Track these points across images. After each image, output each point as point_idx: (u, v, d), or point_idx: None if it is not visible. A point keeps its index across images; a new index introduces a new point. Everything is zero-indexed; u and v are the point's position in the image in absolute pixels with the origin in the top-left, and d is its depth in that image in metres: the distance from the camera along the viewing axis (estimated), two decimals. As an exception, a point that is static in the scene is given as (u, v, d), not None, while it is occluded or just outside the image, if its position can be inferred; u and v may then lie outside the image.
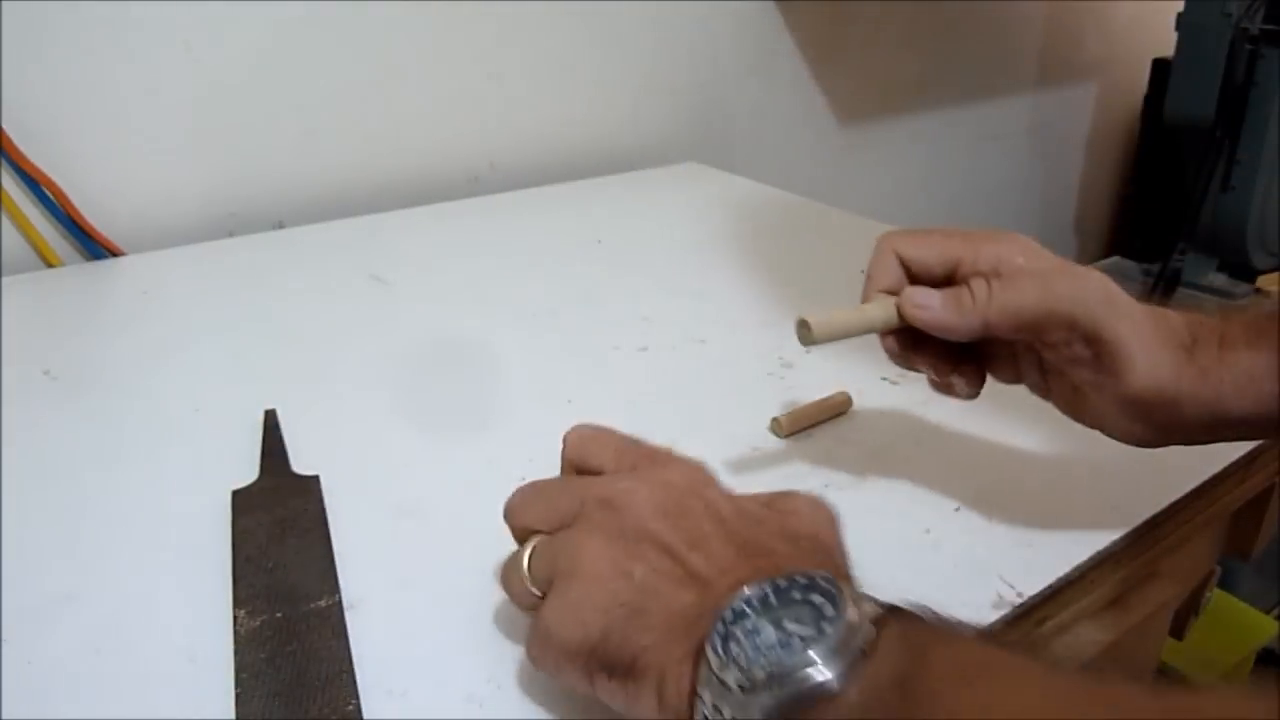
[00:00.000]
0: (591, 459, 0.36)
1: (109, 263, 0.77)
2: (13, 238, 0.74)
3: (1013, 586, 0.42)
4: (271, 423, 0.52)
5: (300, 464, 0.50)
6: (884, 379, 0.60)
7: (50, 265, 0.76)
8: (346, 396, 0.57)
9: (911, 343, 0.42)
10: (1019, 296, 0.37)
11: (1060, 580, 0.43)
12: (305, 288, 0.73)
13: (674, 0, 1.07)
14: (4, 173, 0.72)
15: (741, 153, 1.20)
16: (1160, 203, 1.57)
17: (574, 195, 0.97)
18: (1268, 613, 1.20)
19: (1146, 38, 1.68)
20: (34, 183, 0.73)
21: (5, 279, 0.71)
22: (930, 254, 0.40)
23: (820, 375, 0.60)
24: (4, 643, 0.38)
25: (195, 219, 0.83)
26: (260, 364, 0.61)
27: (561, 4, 0.98)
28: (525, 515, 0.35)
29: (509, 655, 0.38)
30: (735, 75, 1.17)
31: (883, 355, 0.63)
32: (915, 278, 0.41)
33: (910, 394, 0.58)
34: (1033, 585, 0.42)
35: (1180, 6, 1.40)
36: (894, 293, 0.42)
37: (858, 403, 0.56)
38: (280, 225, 0.87)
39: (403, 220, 0.88)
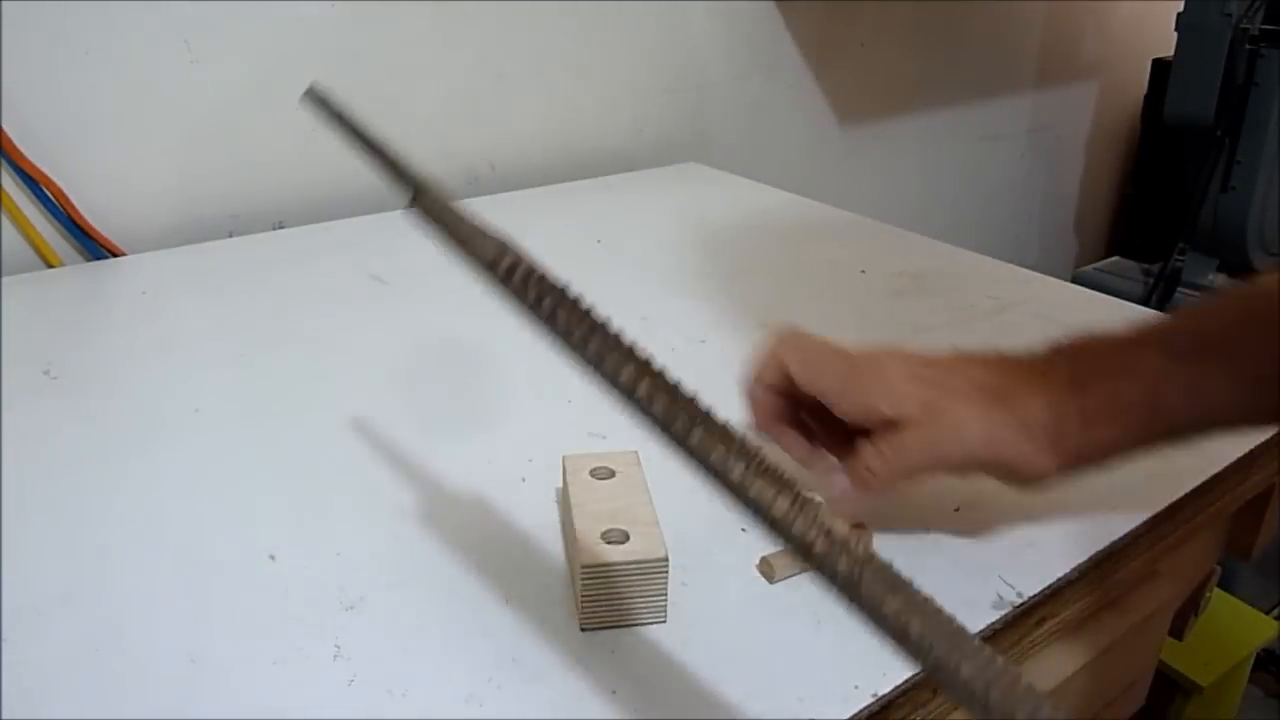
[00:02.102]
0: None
1: (109, 263, 0.77)
2: (13, 238, 0.74)
3: (1013, 586, 0.42)
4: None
5: (300, 460, 0.50)
6: (884, 379, 0.60)
7: (50, 265, 0.76)
8: (347, 396, 0.57)
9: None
10: (909, 461, 0.40)
11: (1060, 580, 0.43)
12: (305, 288, 0.73)
13: (674, 0, 1.07)
14: (4, 173, 0.72)
15: (741, 153, 1.20)
16: (1160, 203, 1.57)
17: (574, 195, 0.97)
18: (1268, 613, 1.20)
19: (1146, 38, 1.68)
20: (34, 183, 0.73)
21: (5, 279, 0.71)
22: (806, 382, 0.42)
23: (820, 375, 0.60)
24: (4, 643, 0.38)
25: (195, 219, 0.83)
26: (260, 364, 0.61)
27: (562, 4, 0.98)
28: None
29: (509, 655, 0.38)
30: (735, 75, 1.17)
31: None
32: (791, 391, 0.43)
33: (910, 394, 0.58)
34: (1033, 585, 0.43)
35: (1180, 6, 1.40)
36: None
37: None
38: (280, 225, 0.87)
39: (403, 220, 0.87)
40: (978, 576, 0.43)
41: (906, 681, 0.37)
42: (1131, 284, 1.54)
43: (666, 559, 0.38)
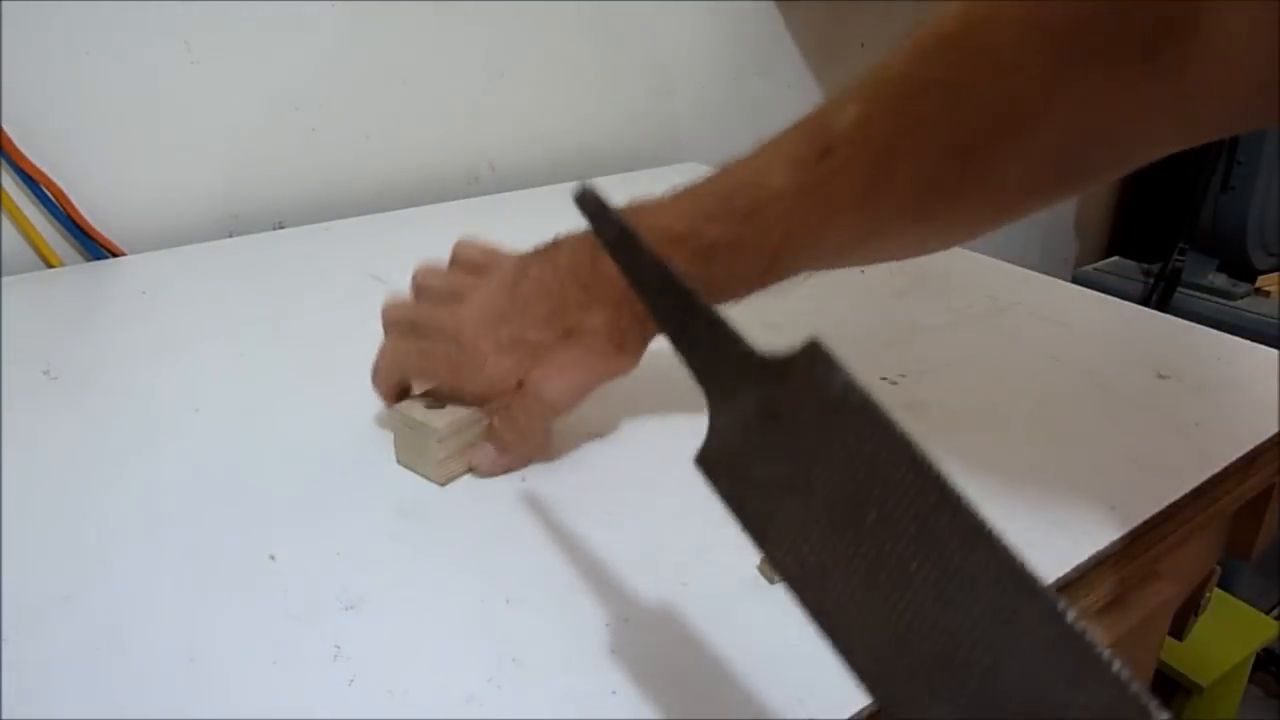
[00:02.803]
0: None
1: (109, 263, 0.77)
2: (13, 238, 0.74)
3: (1013, 586, 0.42)
4: (618, 232, 0.33)
5: (300, 460, 0.50)
6: (883, 379, 0.60)
7: (50, 265, 0.76)
8: (347, 397, 0.57)
9: None
10: (527, 427, 0.48)
11: (1060, 580, 0.43)
12: (305, 288, 0.73)
13: (674, 0, 1.07)
14: (4, 173, 0.72)
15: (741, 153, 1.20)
16: (1160, 203, 1.58)
17: (574, 195, 0.97)
18: (1268, 613, 1.20)
19: (1146, 38, 1.67)
20: (34, 183, 0.73)
21: (5, 279, 0.71)
22: (424, 387, 0.50)
23: (820, 375, 0.60)
24: (4, 643, 0.38)
25: (195, 219, 0.83)
26: (260, 364, 0.61)
27: (562, 4, 0.98)
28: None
29: (509, 655, 0.38)
30: (735, 75, 1.17)
31: (882, 355, 0.64)
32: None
33: (909, 394, 0.58)
34: (1032, 585, 0.42)
35: (1180, 6, 1.40)
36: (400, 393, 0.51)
37: (858, 403, 0.56)
38: (280, 225, 0.87)
39: (403, 220, 0.88)
40: (978, 576, 0.43)
41: (906, 681, 0.37)
42: (1131, 284, 1.54)
43: (438, 430, 0.47)
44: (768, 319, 0.69)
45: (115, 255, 0.78)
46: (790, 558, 0.25)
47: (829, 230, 0.43)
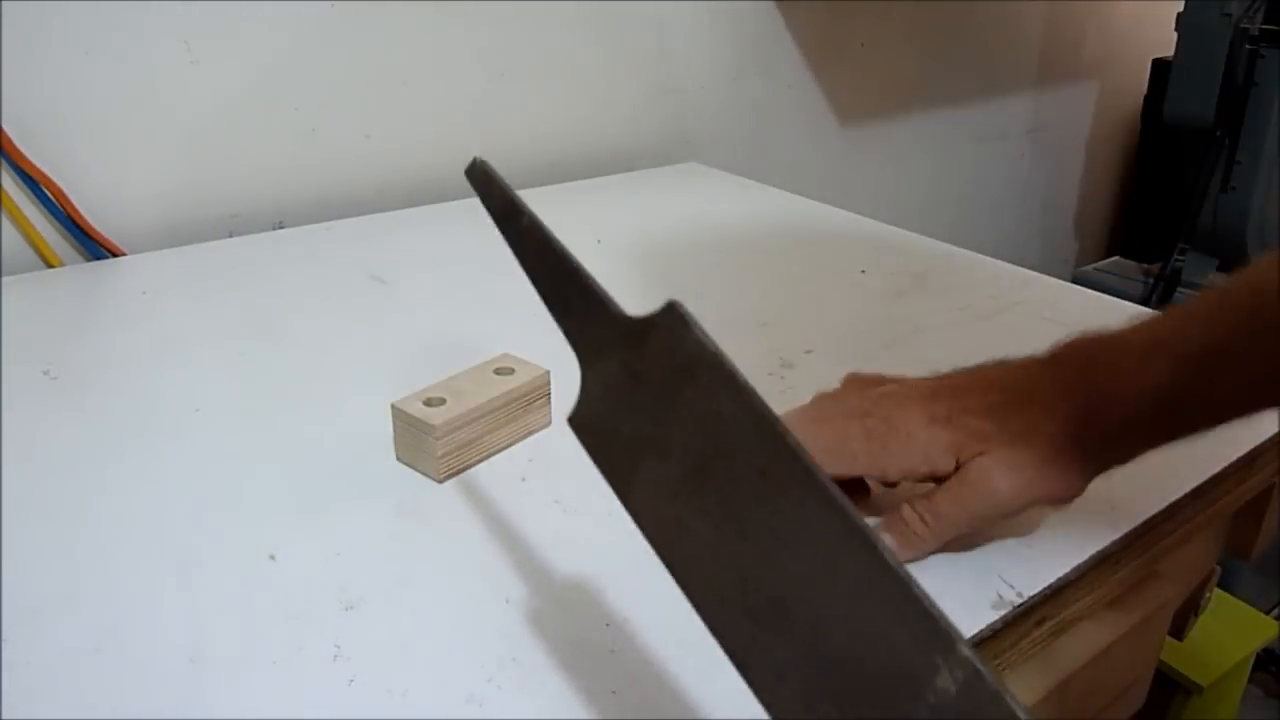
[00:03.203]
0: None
1: (109, 263, 0.77)
2: (13, 238, 0.74)
3: (1013, 586, 0.42)
4: (503, 200, 0.34)
5: (300, 460, 0.50)
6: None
7: (50, 265, 0.76)
8: (347, 396, 0.57)
9: None
10: (946, 525, 0.42)
11: (1060, 580, 0.43)
12: (305, 288, 0.73)
13: (674, 0, 1.07)
14: (4, 173, 0.72)
15: (741, 153, 1.20)
16: (1160, 203, 1.58)
17: (574, 195, 0.97)
18: (1268, 613, 1.20)
19: (1146, 38, 1.68)
20: (34, 183, 0.73)
21: (5, 279, 0.71)
22: (837, 472, 0.43)
23: (820, 375, 0.60)
24: (4, 643, 0.38)
25: (195, 219, 0.83)
26: (260, 364, 0.61)
27: (562, 4, 0.98)
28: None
29: (509, 655, 0.38)
30: (735, 75, 1.17)
31: (882, 356, 0.64)
32: None
33: (910, 394, 0.58)
34: (1033, 585, 0.42)
35: (1180, 6, 1.40)
36: None
37: (858, 403, 0.56)
38: (280, 225, 0.87)
39: (403, 220, 0.88)
40: (978, 576, 0.43)
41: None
42: (1131, 284, 1.54)
43: (436, 428, 0.47)
44: (765, 319, 0.69)
45: (115, 255, 0.78)
46: (648, 511, 0.27)
47: None
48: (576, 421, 0.30)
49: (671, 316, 0.27)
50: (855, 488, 0.46)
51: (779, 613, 0.23)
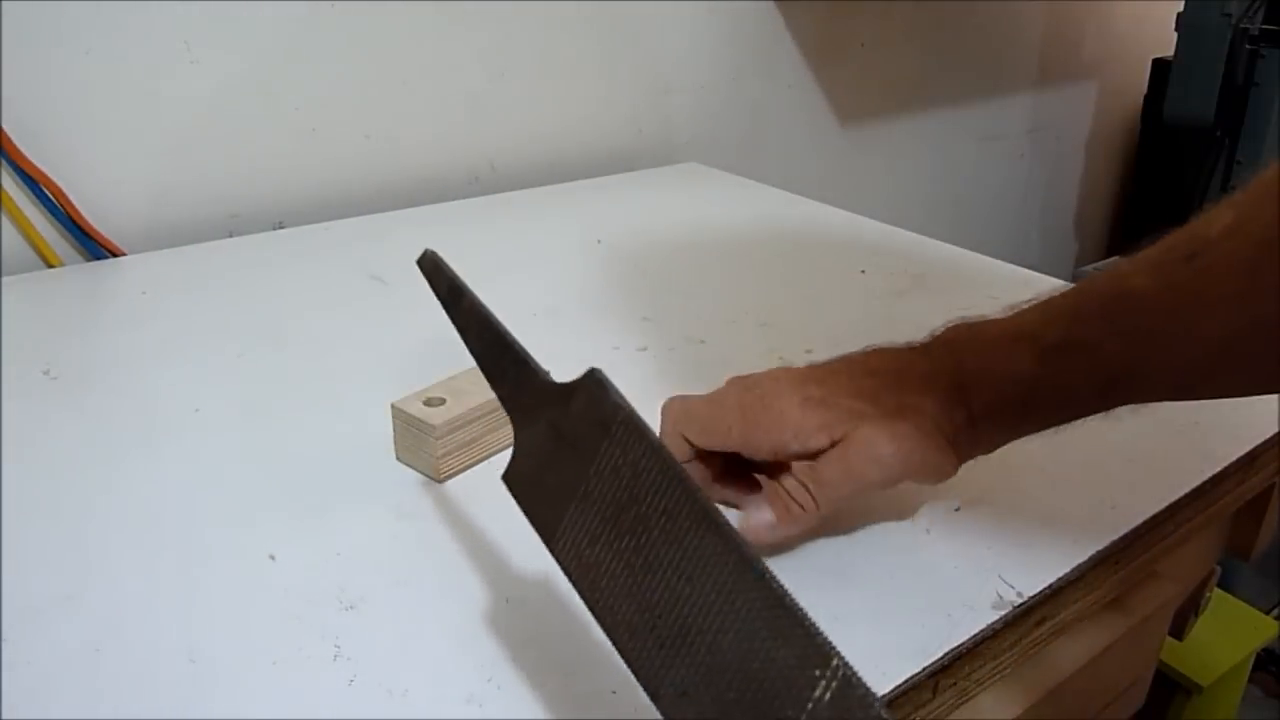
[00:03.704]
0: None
1: (109, 263, 0.77)
2: (13, 238, 0.74)
3: (1013, 586, 0.42)
4: (447, 282, 0.40)
5: (300, 461, 0.50)
6: (884, 379, 0.60)
7: (50, 265, 0.76)
8: (347, 397, 0.57)
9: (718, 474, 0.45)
10: (830, 491, 0.41)
11: (1060, 580, 0.43)
12: (305, 288, 0.73)
13: (674, 0, 1.07)
14: (4, 173, 0.72)
15: (741, 153, 1.20)
16: (1160, 203, 1.58)
17: (574, 195, 0.97)
18: (1268, 613, 1.20)
19: (1146, 38, 1.68)
20: (34, 183, 0.73)
21: (5, 279, 0.71)
22: (710, 445, 0.43)
23: (820, 375, 0.60)
24: (4, 643, 0.38)
25: (195, 219, 0.83)
26: (260, 364, 0.61)
27: (562, 4, 0.98)
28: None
29: (509, 655, 0.38)
30: (735, 75, 1.17)
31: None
32: (702, 453, 0.44)
33: (910, 394, 0.58)
34: (1033, 585, 0.43)
35: (1180, 6, 1.40)
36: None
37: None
38: (280, 225, 0.87)
39: (403, 220, 0.88)
40: (978, 576, 0.43)
41: (907, 681, 0.37)
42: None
43: (436, 428, 0.47)
44: (765, 319, 0.69)
45: (115, 255, 0.78)
46: (571, 554, 0.30)
47: (1198, 330, 0.38)
48: (509, 478, 0.33)
49: (591, 380, 0.31)
50: (748, 484, 0.45)
51: (682, 638, 0.26)
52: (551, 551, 0.31)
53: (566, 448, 0.31)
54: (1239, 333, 0.37)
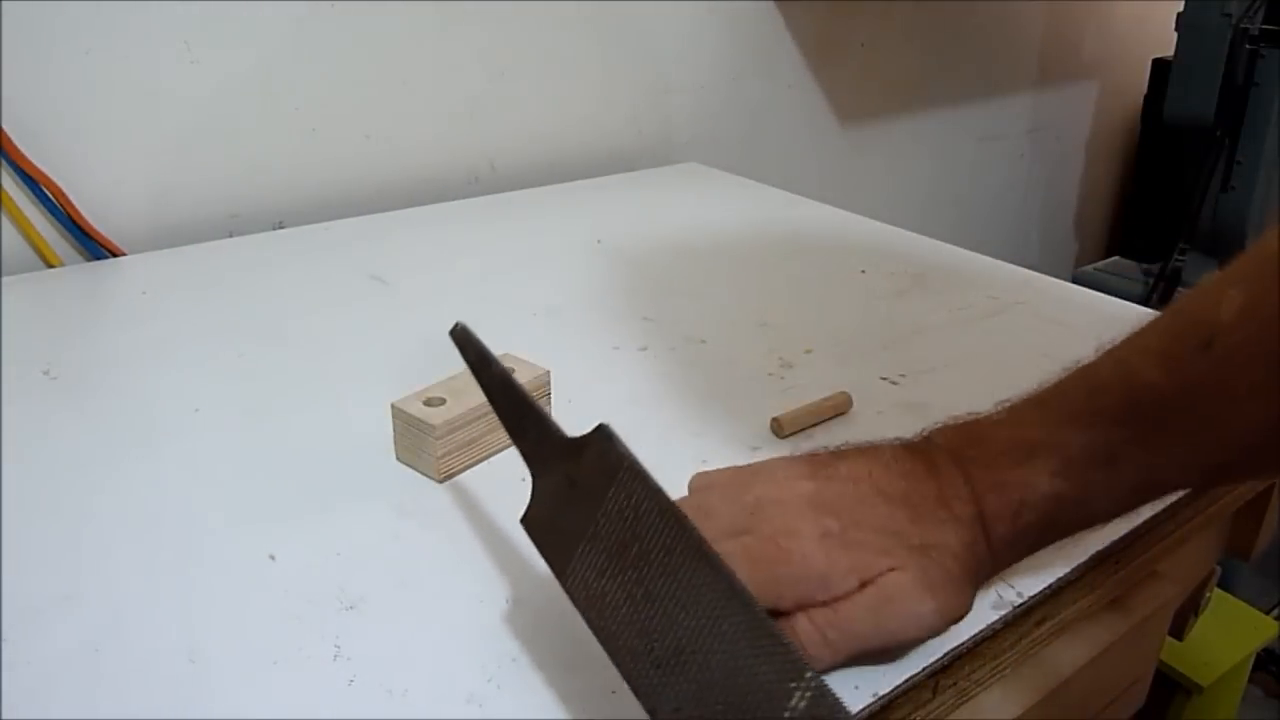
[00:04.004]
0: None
1: (109, 263, 0.77)
2: (13, 238, 0.74)
3: (1013, 586, 0.42)
4: (477, 352, 0.40)
5: (300, 460, 0.50)
6: (884, 379, 0.60)
7: (50, 265, 0.76)
8: (347, 397, 0.57)
9: None
10: (855, 644, 0.36)
11: (1060, 580, 0.43)
12: (305, 288, 0.73)
13: (674, 0, 1.07)
14: (4, 173, 0.72)
15: (741, 153, 1.20)
16: (1160, 203, 1.58)
17: (574, 195, 0.97)
18: (1268, 613, 1.20)
19: (1146, 38, 1.68)
20: (34, 183, 0.73)
21: (5, 279, 0.71)
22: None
23: (820, 375, 0.60)
24: (4, 643, 0.38)
25: (195, 219, 0.83)
26: (260, 364, 0.61)
27: (562, 4, 0.98)
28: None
29: (509, 655, 0.38)
30: (735, 75, 1.17)
31: (882, 355, 0.64)
32: None
33: (910, 394, 0.58)
34: (1033, 585, 0.43)
35: (1180, 6, 1.40)
36: None
37: (858, 403, 0.56)
38: (280, 225, 0.87)
39: (403, 220, 0.88)
40: (978, 576, 0.43)
41: (906, 681, 0.37)
42: (1131, 284, 1.54)
43: (436, 428, 0.47)
44: (765, 319, 0.69)
45: (115, 255, 0.78)
46: (580, 588, 0.34)
47: (1225, 425, 0.36)
48: (527, 522, 0.37)
49: (601, 434, 0.34)
50: None
51: (677, 659, 0.30)
52: (563, 586, 0.35)
53: (578, 494, 0.34)
54: (1269, 422, 0.35)
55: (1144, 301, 1.44)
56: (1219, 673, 1.09)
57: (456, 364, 0.53)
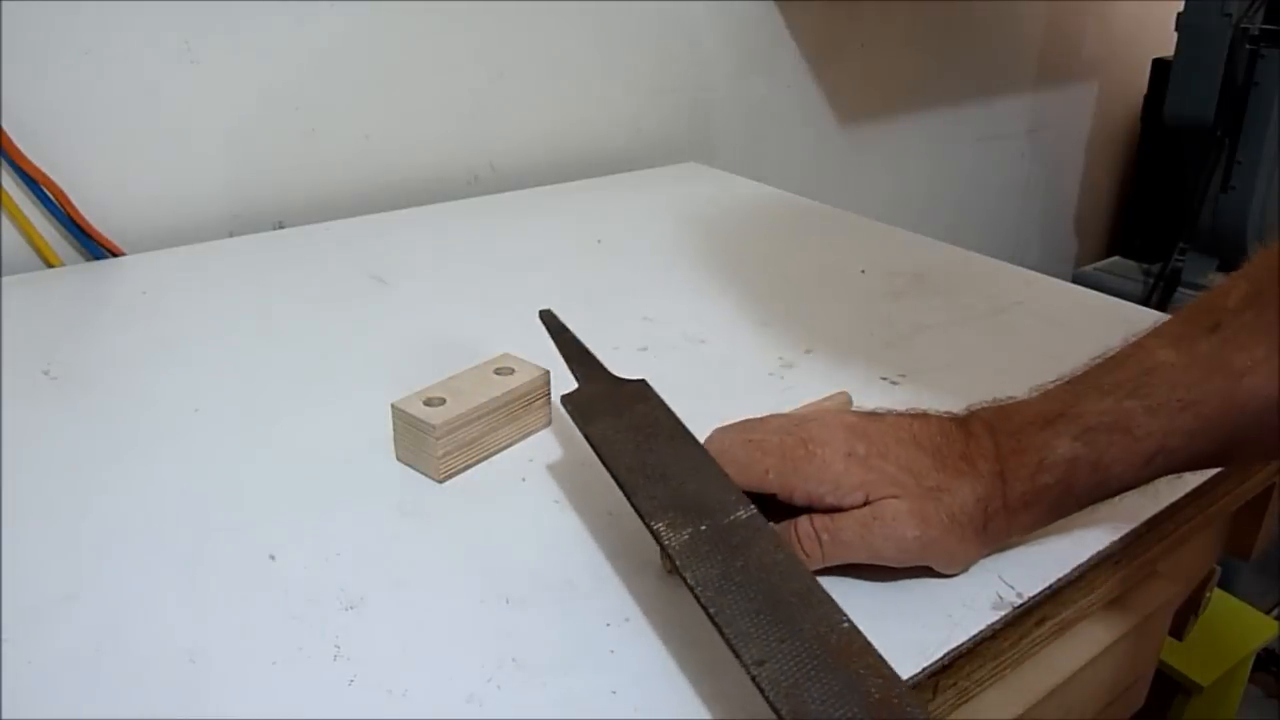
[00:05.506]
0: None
1: (109, 263, 0.77)
2: (13, 238, 0.74)
3: (1013, 586, 0.42)
4: (557, 324, 0.51)
5: (300, 460, 0.50)
6: (884, 379, 0.60)
7: (50, 265, 0.76)
8: (347, 397, 0.57)
9: None
10: (842, 551, 0.41)
11: (1060, 580, 0.43)
12: (305, 288, 0.73)
13: (674, 0, 1.07)
14: (4, 173, 0.72)
15: (741, 153, 1.20)
16: (1160, 203, 1.58)
17: (574, 195, 0.97)
18: (1268, 613, 1.20)
19: (1146, 38, 1.68)
20: (34, 183, 0.73)
21: (5, 279, 0.71)
22: (745, 484, 0.42)
23: (820, 375, 0.60)
24: (4, 643, 0.38)
25: (195, 219, 0.83)
26: (260, 364, 0.61)
27: (562, 4, 0.98)
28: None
29: (509, 655, 0.38)
30: (735, 75, 1.17)
31: (882, 355, 0.64)
32: None
33: (910, 394, 0.58)
34: (1033, 585, 0.43)
35: (1180, 6, 1.40)
36: None
37: (858, 403, 0.56)
38: (280, 225, 0.87)
39: (403, 220, 0.88)
40: (978, 576, 0.43)
41: (907, 681, 0.37)
42: (1131, 284, 1.54)
43: (436, 428, 0.48)
44: (765, 319, 0.69)
45: (115, 255, 0.78)
46: (599, 434, 0.44)
47: (1230, 399, 0.39)
48: (567, 398, 0.47)
49: (642, 383, 0.47)
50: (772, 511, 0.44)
51: (660, 477, 0.41)
52: (586, 435, 0.44)
53: (613, 403, 0.46)
54: (1268, 395, 0.38)
55: (1144, 301, 1.44)
56: (1219, 673, 1.09)
57: (456, 364, 0.53)
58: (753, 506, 0.39)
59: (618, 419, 0.44)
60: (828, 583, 0.42)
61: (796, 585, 0.36)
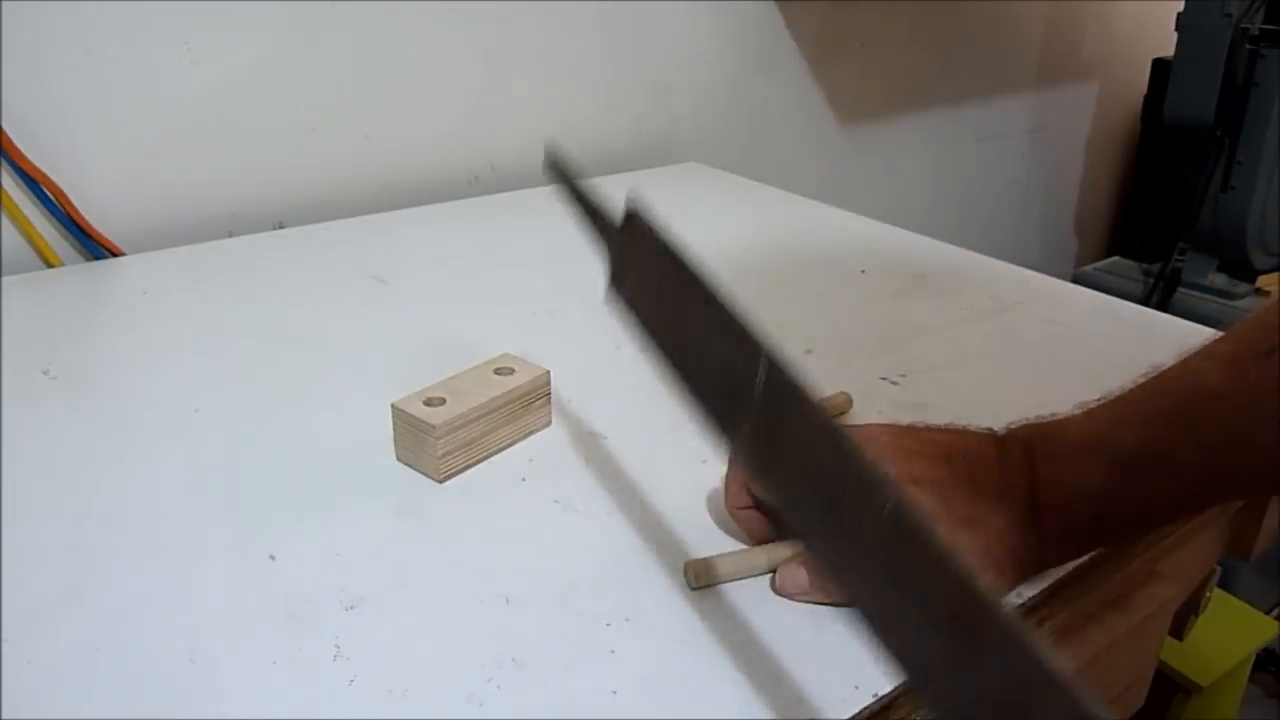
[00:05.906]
0: None
1: (109, 263, 0.77)
2: (13, 238, 0.74)
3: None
4: (565, 171, 0.49)
5: (300, 461, 0.50)
6: (884, 379, 0.60)
7: (50, 265, 0.76)
8: (347, 397, 0.57)
9: None
10: None
11: (1060, 580, 0.43)
12: (305, 288, 0.73)
13: (675, 1, 1.07)
14: (4, 173, 0.72)
15: (741, 153, 1.20)
16: (1160, 203, 1.58)
17: (574, 195, 0.97)
18: (1268, 613, 1.20)
19: (1146, 38, 1.68)
20: (34, 183, 0.73)
21: (5, 279, 0.71)
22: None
23: (820, 375, 0.60)
24: (4, 643, 0.38)
25: (195, 219, 0.83)
26: (260, 364, 0.61)
27: (562, 4, 0.98)
28: None
29: (509, 655, 0.38)
30: (735, 75, 1.17)
31: (882, 356, 0.64)
32: (759, 503, 0.44)
33: (910, 394, 0.58)
34: (1032, 585, 0.42)
35: (1180, 6, 1.40)
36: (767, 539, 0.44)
37: (857, 403, 0.56)
38: (280, 225, 0.87)
39: (403, 220, 0.88)
40: (978, 576, 0.43)
41: (907, 681, 0.37)
42: (1131, 284, 1.54)
43: (436, 428, 0.47)
44: (765, 319, 0.69)
45: (115, 255, 0.78)
46: (629, 287, 0.43)
47: None
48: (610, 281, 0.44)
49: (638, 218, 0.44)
50: None
51: (680, 343, 0.40)
52: (615, 285, 0.44)
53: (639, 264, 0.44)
54: None
55: (1144, 301, 1.44)
56: (1219, 673, 1.09)
57: (456, 364, 0.53)
58: (774, 359, 0.37)
59: (644, 278, 0.43)
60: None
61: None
